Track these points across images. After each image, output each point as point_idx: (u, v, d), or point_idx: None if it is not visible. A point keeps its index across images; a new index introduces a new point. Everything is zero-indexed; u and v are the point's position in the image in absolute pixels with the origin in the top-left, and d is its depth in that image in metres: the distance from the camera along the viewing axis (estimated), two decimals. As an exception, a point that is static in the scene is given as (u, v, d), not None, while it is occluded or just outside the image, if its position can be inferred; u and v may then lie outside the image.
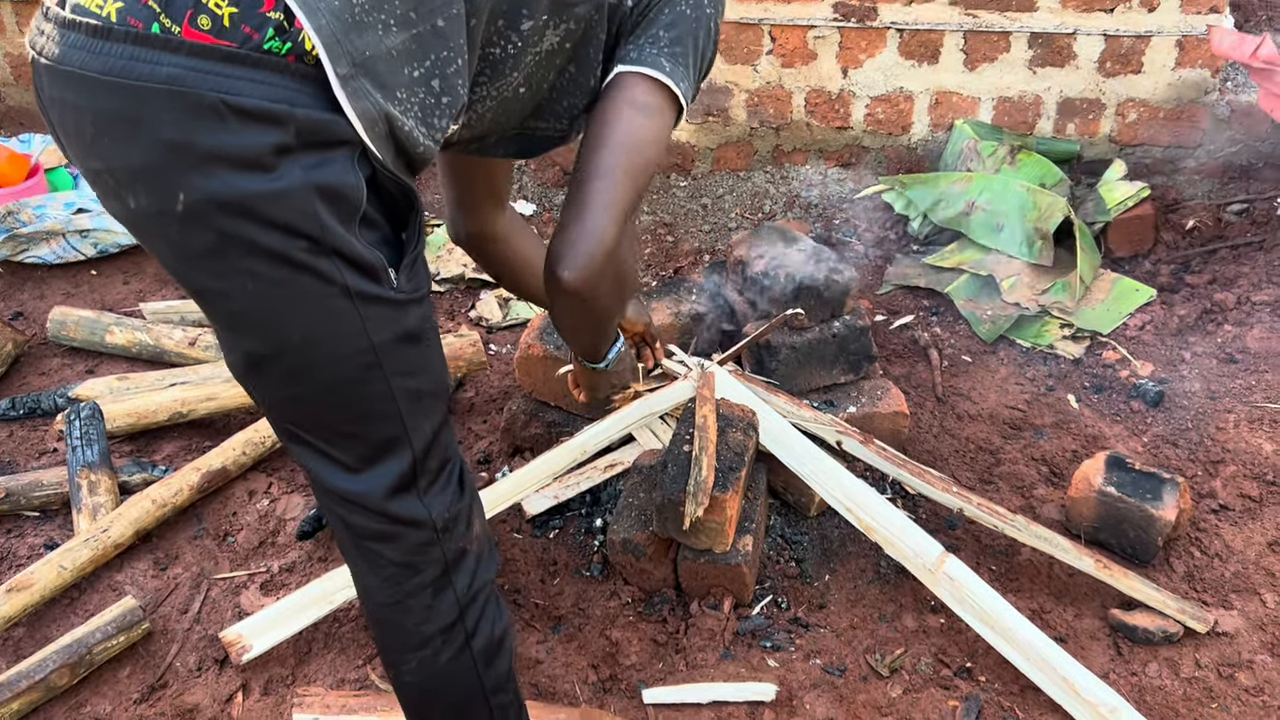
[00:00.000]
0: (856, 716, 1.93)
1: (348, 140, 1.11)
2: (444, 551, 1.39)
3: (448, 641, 1.43)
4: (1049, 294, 3.09)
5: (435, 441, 1.35)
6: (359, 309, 1.19)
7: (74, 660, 2.01)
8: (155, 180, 1.08)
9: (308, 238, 1.12)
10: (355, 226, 1.15)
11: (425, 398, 1.32)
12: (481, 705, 1.50)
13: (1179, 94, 3.45)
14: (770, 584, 2.23)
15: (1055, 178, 3.30)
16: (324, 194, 1.10)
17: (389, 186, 1.19)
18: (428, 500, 1.36)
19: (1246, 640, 2.04)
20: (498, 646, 1.49)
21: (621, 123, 1.39)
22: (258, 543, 2.38)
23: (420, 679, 1.46)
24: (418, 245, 1.26)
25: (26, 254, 3.43)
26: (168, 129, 1.05)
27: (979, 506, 2.16)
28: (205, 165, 1.06)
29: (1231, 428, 2.58)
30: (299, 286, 1.15)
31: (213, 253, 1.12)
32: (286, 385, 1.26)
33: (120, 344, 3.01)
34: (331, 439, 1.30)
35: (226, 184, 1.07)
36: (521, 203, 3.88)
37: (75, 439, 2.45)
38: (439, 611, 1.41)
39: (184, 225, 1.10)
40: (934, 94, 3.61)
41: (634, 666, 2.05)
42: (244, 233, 1.10)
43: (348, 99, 1.09)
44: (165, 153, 1.06)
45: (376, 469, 1.31)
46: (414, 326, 1.27)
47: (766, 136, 3.82)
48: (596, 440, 2.33)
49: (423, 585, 1.39)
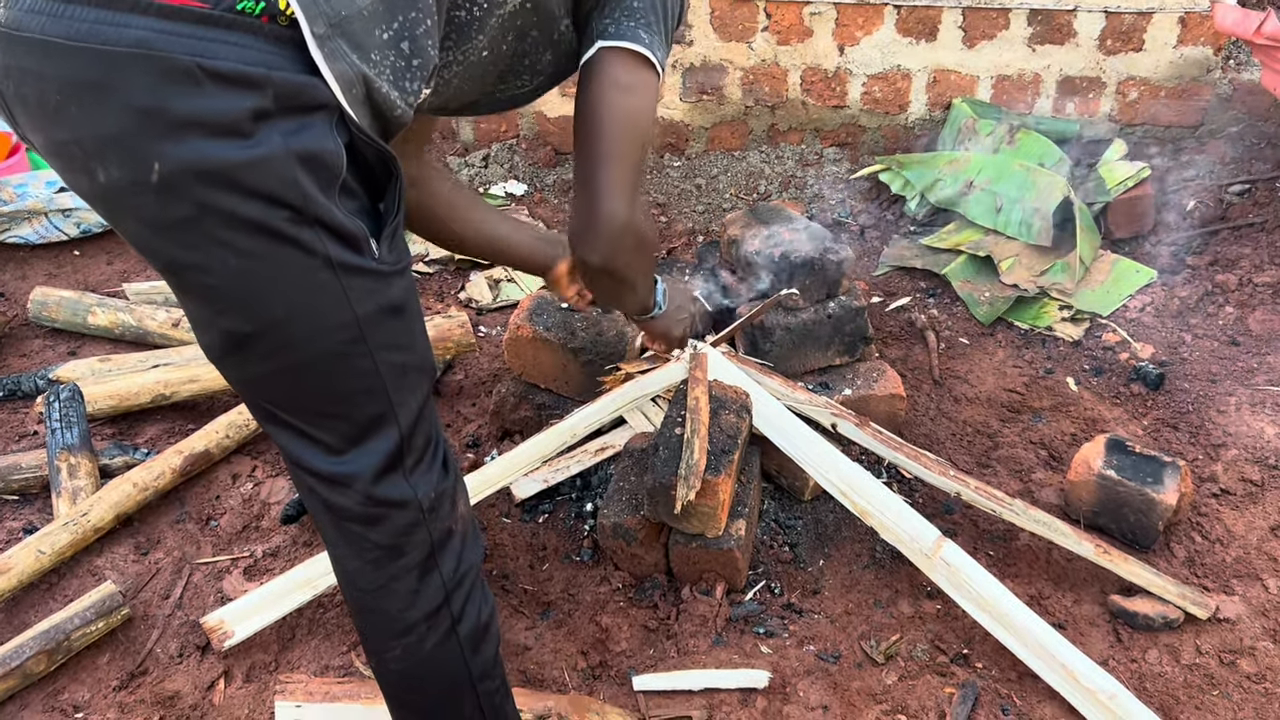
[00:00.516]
0: (851, 704, 1.89)
1: (325, 104, 1.07)
2: (430, 533, 1.35)
3: (433, 627, 1.39)
4: (1048, 275, 3.04)
5: (421, 418, 1.31)
6: (342, 281, 1.15)
7: (52, 646, 1.96)
8: (127, 149, 1.03)
9: (290, 207, 1.07)
10: (335, 195, 1.11)
11: (411, 373, 1.28)
12: (468, 692, 1.46)
13: (1181, 72, 3.40)
14: (763, 569, 2.19)
15: (1054, 157, 3.25)
16: (305, 161, 1.06)
17: (367, 154, 1.15)
18: (414, 480, 1.31)
19: (1248, 626, 2.01)
20: (484, 631, 1.45)
21: (613, 109, 1.44)
22: (241, 527, 2.33)
23: (405, 667, 1.42)
24: (397, 215, 1.21)
25: (8, 233, 3.37)
26: (139, 95, 1.00)
27: (976, 490, 2.12)
28: (180, 132, 1.01)
29: (1233, 411, 2.54)
30: (281, 259, 1.11)
31: (190, 225, 1.07)
32: (267, 364, 1.21)
33: (103, 325, 2.96)
34: (314, 419, 1.25)
35: (203, 152, 1.02)
36: (513, 183, 3.83)
37: (55, 421, 2.40)
38: (425, 596, 1.37)
39: (159, 197, 1.05)
40: (932, 72, 3.56)
41: (624, 653, 2.02)
42: (223, 203, 1.05)
43: (325, 60, 1.05)
44: (137, 120, 1.01)
45: (362, 449, 1.27)
46: (397, 299, 1.23)
47: (762, 115, 3.77)
48: (587, 423, 2.28)
49: (408, 568, 1.35)
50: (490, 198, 3.73)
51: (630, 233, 1.50)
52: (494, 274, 3.30)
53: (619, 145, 1.45)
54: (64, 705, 1.96)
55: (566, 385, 2.45)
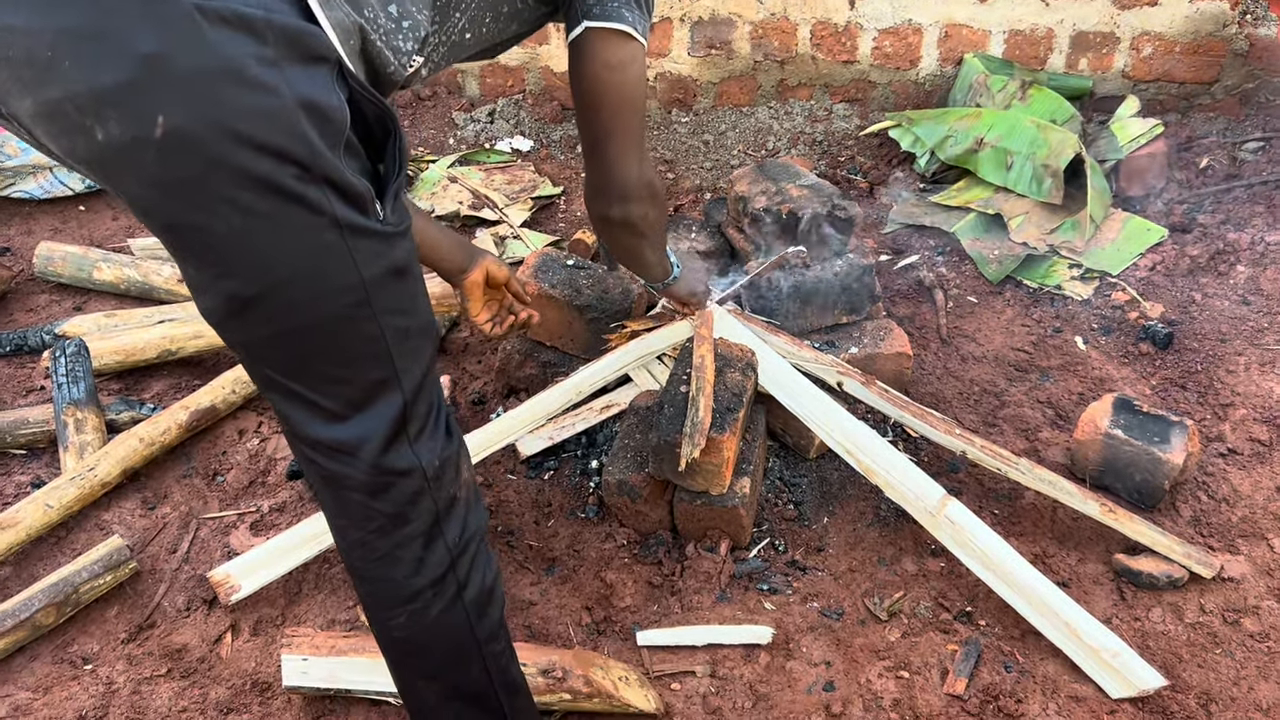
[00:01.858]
0: (854, 660, 1.90)
1: (325, 56, 1.05)
2: (434, 500, 1.33)
3: (439, 594, 1.38)
4: (1058, 233, 3.02)
5: (424, 384, 1.29)
6: (348, 242, 1.12)
7: (60, 599, 1.98)
8: (129, 102, 0.98)
9: (297, 163, 1.04)
10: (341, 152, 1.08)
11: (414, 336, 1.25)
12: (475, 656, 1.45)
13: (1196, 27, 3.35)
14: (768, 527, 2.19)
15: (1066, 114, 3.21)
16: (311, 112, 1.03)
17: (367, 110, 1.12)
18: (418, 448, 1.29)
19: (1253, 585, 2.01)
20: (489, 595, 1.44)
21: (609, 88, 1.57)
22: (247, 482, 2.34)
23: (409, 633, 1.41)
24: (399, 175, 1.18)
25: (13, 188, 3.36)
26: (138, 43, 0.95)
27: (982, 449, 2.12)
28: (185, 82, 0.97)
29: (1242, 370, 2.52)
30: (288, 218, 1.07)
31: (195, 183, 1.03)
32: (270, 328, 1.17)
33: (108, 280, 2.96)
34: (317, 384, 1.22)
35: (211, 101, 0.98)
36: (519, 138, 3.80)
37: (61, 376, 2.40)
38: (430, 563, 1.36)
39: (163, 153, 1.00)
40: (943, 26, 3.51)
41: (628, 609, 2.02)
42: (232, 158, 1.01)
43: (320, 6, 1.03)
44: (140, 69, 0.96)
45: (365, 414, 1.24)
46: (401, 260, 1.20)
47: (771, 70, 3.72)
48: (592, 381, 2.28)
49: (413, 536, 1.34)
50: (496, 154, 3.71)
51: (644, 185, 1.70)
52: (499, 231, 3.28)
53: (619, 119, 1.60)
54: (73, 657, 1.97)
55: (572, 343, 2.45)
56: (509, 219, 3.33)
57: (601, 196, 1.72)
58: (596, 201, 1.74)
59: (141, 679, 1.93)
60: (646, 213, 1.75)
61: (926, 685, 1.85)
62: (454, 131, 3.87)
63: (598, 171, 1.68)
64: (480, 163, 3.66)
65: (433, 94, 4.01)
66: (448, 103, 3.99)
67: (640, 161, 1.67)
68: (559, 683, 1.76)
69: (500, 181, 3.52)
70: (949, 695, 1.83)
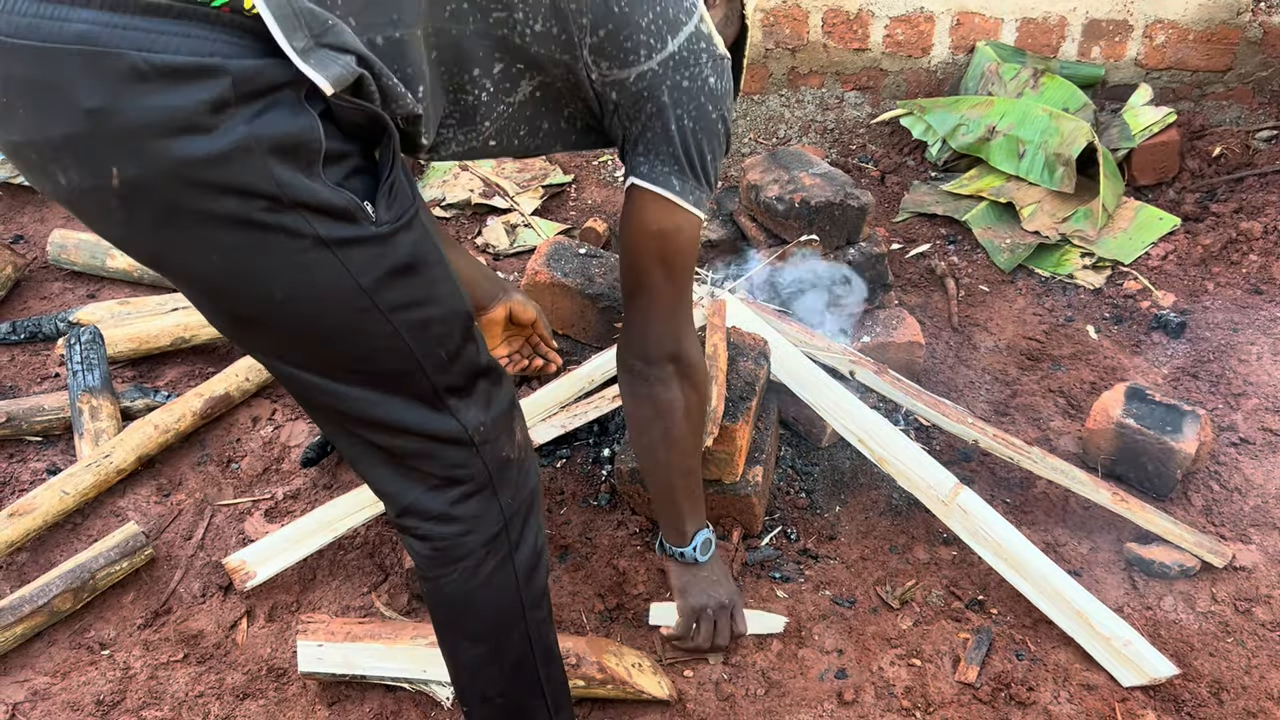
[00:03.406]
0: (866, 648, 1.91)
1: (289, 82, 1.00)
2: (485, 463, 1.34)
3: (491, 552, 1.39)
4: (1070, 222, 3.01)
5: (454, 361, 1.27)
6: (338, 256, 1.09)
7: (77, 585, 1.99)
8: (82, 154, 0.97)
9: (265, 197, 1.01)
10: (318, 169, 1.05)
11: (434, 324, 1.23)
12: (518, 620, 1.45)
13: (1210, 15, 3.33)
14: (780, 515, 2.20)
15: (1079, 102, 3.20)
16: (275, 147, 1.00)
17: (351, 114, 1.07)
18: (461, 416, 1.29)
19: (1264, 575, 2.01)
20: (537, 559, 1.45)
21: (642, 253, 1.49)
22: (262, 469, 2.35)
23: (460, 591, 1.41)
24: (392, 170, 1.14)
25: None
26: (85, 95, 0.93)
27: (994, 438, 2.12)
28: (132, 135, 0.95)
29: (1254, 360, 2.52)
30: (266, 246, 1.06)
31: (163, 225, 1.02)
32: (279, 340, 1.18)
33: (121, 268, 2.97)
34: (338, 376, 1.22)
35: (161, 153, 0.96)
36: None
37: (76, 364, 2.41)
38: (484, 522, 1.37)
39: (124, 201, 0.99)
40: (955, 14, 3.49)
41: (641, 596, 2.03)
42: (193, 203, 1.00)
43: (314, 69, 0.99)
44: (87, 123, 0.95)
45: (396, 394, 1.25)
46: (404, 257, 1.17)
47: (782, 58, 3.71)
48: (604, 369, 2.28)
49: (466, 495, 1.34)
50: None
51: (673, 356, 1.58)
52: (510, 219, 3.28)
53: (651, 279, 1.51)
54: (90, 643, 1.99)
55: (584, 331, 2.45)
56: (520, 207, 3.33)
57: (626, 347, 1.61)
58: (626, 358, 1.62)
59: (158, 664, 1.94)
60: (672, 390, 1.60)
61: (938, 673, 1.86)
62: (464, 119, 3.87)
63: (627, 322, 1.59)
64: (491, 151, 3.66)
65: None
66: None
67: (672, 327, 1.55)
68: (573, 669, 1.77)
69: (511, 170, 3.52)
70: (961, 683, 1.84)
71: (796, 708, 1.81)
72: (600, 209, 3.36)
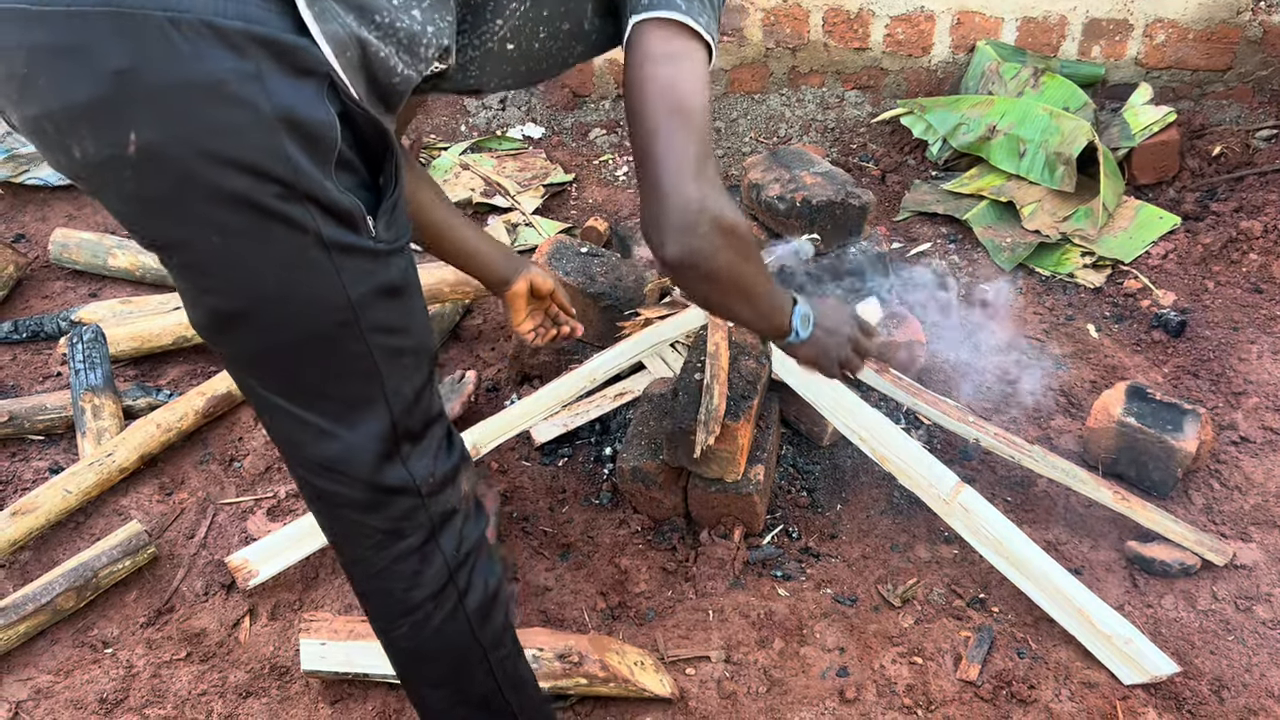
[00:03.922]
0: (867, 646, 1.91)
1: (315, 70, 1.00)
2: (430, 515, 1.32)
3: (439, 605, 1.37)
4: (1070, 221, 3.01)
5: (417, 402, 1.26)
6: (335, 261, 1.09)
7: (80, 584, 2.00)
8: (102, 119, 0.97)
9: (278, 181, 1.01)
10: (331, 169, 1.05)
11: (406, 355, 1.22)
12: (479, 662, 1.45)
13: (1210, 14, 3.33)
14: (781, 514, 2.20)
15: (1079, 102, 3.20)
16: (293, 129, 1.00)
17: (362, 125, 1.08)
18: (411, 465, 1.27)
19: (1265, 573, 2.01)
20: (491, 601, 1.43)
21: (651, 83, 1.25)
22: (264, 468, 2.36)
23: (413, 644, 1.41)
24: (396, 189, 1.14)
25: (27, 175, 3.37)
26: (110, 58, 0.93)
27: (995, 437, 2.12)
28: (157, 98, 0.95)
29: (1254, 359, 2.52)
30: (268, 236, 1.05)
31: (171, 201, 1.02)
32: (254, 343, 1.16)
33: (123, 267, 2.97)
34: (303, 399, 1.21)
35: (182, 118, 0.96)
36: (530, 125, 3.80)
37: (78, 362, 2.42)
38: (428, 576, 1.35)
39: (138, 170, 0.99)
40: (956, 14, 3.50)
41: (643, 594, 2.04)
42: (206, 176, 0.99)
43: (315, 20, 0.99)
44: (112, 85, 0.95)
45: (352, 430, 1.22)
46: (395, 279, 1.16)
47: (783, 57, 3.72)
48: (606, 368, 2.29)
49: (409, 550, 1.32)
50: (508, 141, 3.71)
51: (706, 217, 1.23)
52: (511, 218, 3.29)
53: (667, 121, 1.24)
54: (93, 641, 1.99)
55: (585, 330, 2.45)
56: (521, 206, 3.33)
57: (652, 228, 1.26)
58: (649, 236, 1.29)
59: (161, 662, 1.95)
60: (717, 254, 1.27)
61: (940, 671, 1.86)
62: (465, 119, 3.87)
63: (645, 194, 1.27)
64: (492, 150, 3.67)
65: (444, 81, 4.01)
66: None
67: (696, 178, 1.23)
68: (575, 667, 1.78)
69: (512, 169, 3.52)
70: (962, 681, 1.84)
71: (798, 705, 1.81)
72: (601, 208, 3.36)
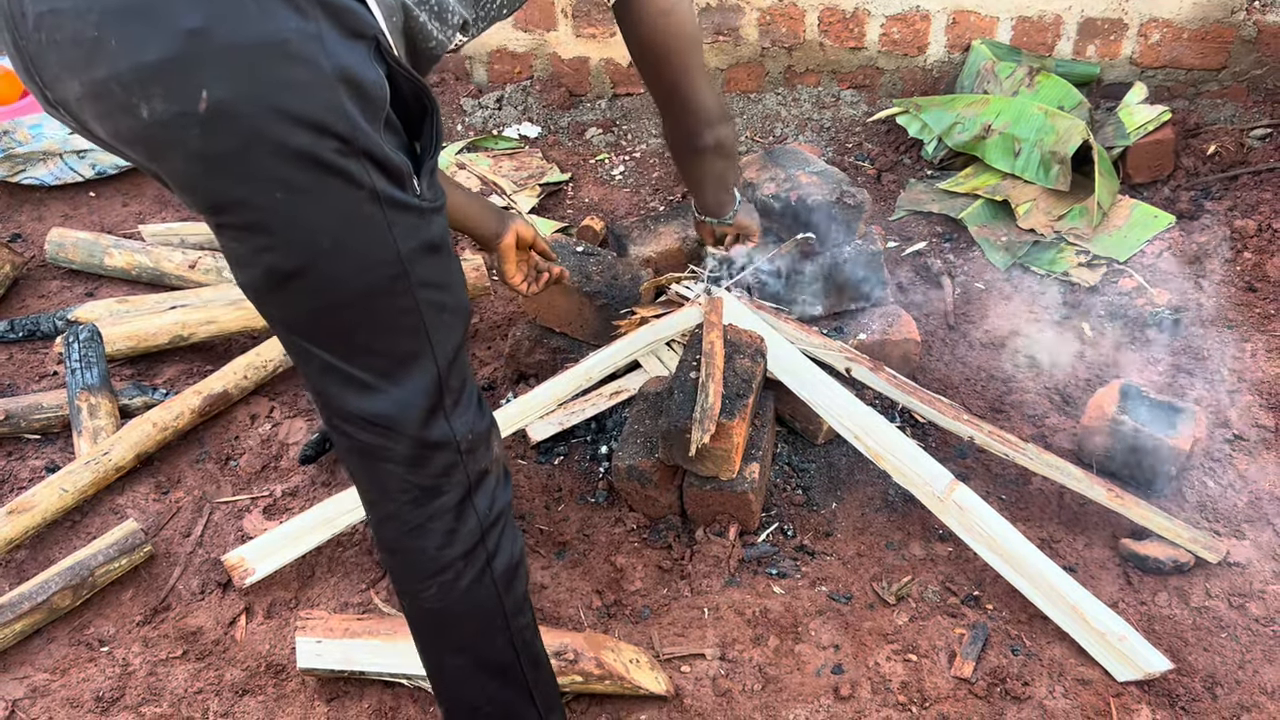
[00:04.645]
0: (862, 643, 1.92)
1: (365, 33, 1.07)
2: (467, 473, 1.35)
3: (469, 564, 1.39)
4: (1065, 220, 3.02)
5: (457, 359, 1.31)
6: (387, 216, 1.15)
7: (76, 582, 2.00)
8: (174, 78, 1.00)
9: (338, 137, 1.07)
10: (381, 126, 1.11)
11: (448, 312, 1.27)
12: (501, 629, 1.46)
13: (1205, 14, 3.34)
14: (776, 511, 2.21)
15: (1074, 101, 3.21)
16: (351, 87, 1.06)
17: (404, 87, 1.15)
18: (453, 421, 1.31)
19: (1258, 570, 2.02)
20: (516, 568, 1.46)
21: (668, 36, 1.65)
22: (260, 467, 2.36)
23: (440, 605, 1.42)
24: (435, 152, 1.21)
25: (24, 174, 3.37)
26: (185, 16, 0.98)
27: (990, 435, 2.13)
28: (228, 56, 0.99)
29: (1248, 357, 2.53)
30: (328, 191, 1.10)
31: (238, 157, 1.05)
32: (309, 301, 1.19)
33: (119, 266, 2.97)
34: (354, 356, 1.24)
35: (252, 75, 1.01)
36: (526, 124, 3.80)
37: (75, 361, 2.42)
38: (461, 534, 1.37)
39: (206, 127, 1.03)
40: (951, 13, 3.50)
41: (639, 592, 2.04)
42: (273, 132, 1.04)
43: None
44: (185, 43, 0.98)
45: (401, 386, 1.26)
46: (436, 236, 1.23)
47: (778, 57, 3.72)
48: (601, 367, 2.29)
49: (446, 508, 1.35)
50: (504, 140, 3.71)
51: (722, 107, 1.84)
52: (508, 217, 3.29)
53: (689, 58, 1.70)
54: (90, 639, 2.00)
55: (581, 329, 2.46)
56: (517, 205, 3.34)
57: (692, 133, 1.84)
58: (689, 139, 1.86)
59: (157, 661, 1.95)
60: (731, 131, 1.90)
61: (934, 668, 1.87)
62: (462, 118, 3.88)
63: (681, 111, 1.80)
64: (488, 149, 3.67)
65: (440, 80, 4.01)
66: (455, 89, 3.99)
67: (712, 87, 1.78)
68: (571, 665, 1.78)
69: (508, 168, 3.53)
70: (956, 678, 1.85)
71: (793, 703, 1.82)
72: (597, 207, 3.37)
